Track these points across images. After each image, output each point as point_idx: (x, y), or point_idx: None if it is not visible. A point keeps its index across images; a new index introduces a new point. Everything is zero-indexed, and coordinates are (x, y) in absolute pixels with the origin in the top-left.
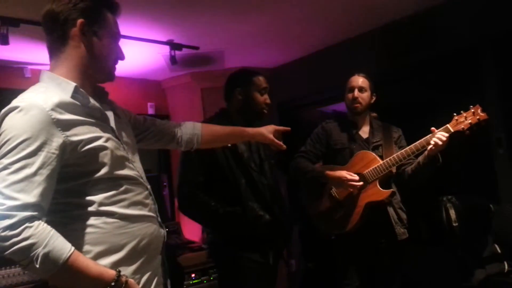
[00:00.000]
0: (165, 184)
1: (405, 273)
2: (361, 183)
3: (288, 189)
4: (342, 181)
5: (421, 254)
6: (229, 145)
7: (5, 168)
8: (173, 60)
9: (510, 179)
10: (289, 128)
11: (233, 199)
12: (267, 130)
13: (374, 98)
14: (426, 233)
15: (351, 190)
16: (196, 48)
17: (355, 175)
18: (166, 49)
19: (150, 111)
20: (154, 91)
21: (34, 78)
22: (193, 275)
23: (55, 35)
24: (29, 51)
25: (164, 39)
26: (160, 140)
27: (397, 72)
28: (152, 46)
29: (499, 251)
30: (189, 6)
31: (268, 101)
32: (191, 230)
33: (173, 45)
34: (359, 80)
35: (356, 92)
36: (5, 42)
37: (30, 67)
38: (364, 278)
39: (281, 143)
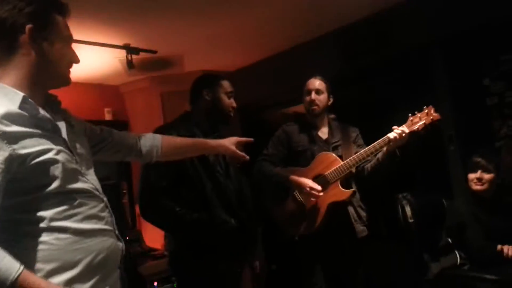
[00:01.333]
0: (124, 191)
1: (366, 269)
2: (320, 194)
3: (251, 191)
4: (304, 188)
5: (381, 251)
6: None
7: None
8: (130, 64)
9: (461, 174)
10: (251, 139)
11: (198, 204)
12: (230, 142)
13: (331, 100)
14: (385, 230)
15: (310, 198)
16: (154, 52)
17: (318, 186)
18: (123, 53)
19: (107, 116)
20: (111, 96)
21: None
22: (155, 283)
23: (3, 43)
24: None
25: (121, 43)
26: (118, 152)
27: (355, 73)
28: (109, 50)
29: (451, 244)
30: (146, 10)
31: (234, 104)
32: (153, 238)
33: (130, 49)
34: (316, 83)
35: (313, 95)
36: None
37: None
38: (329, 278)
39: (243, 154)
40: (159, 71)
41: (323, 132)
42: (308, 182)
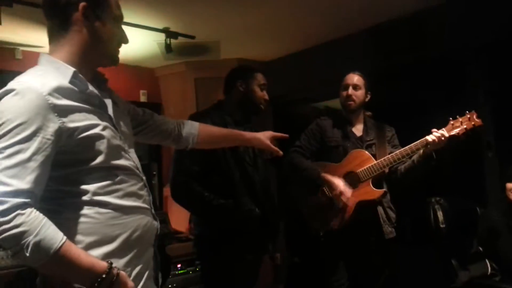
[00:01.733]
0: (154, 173)
1: (391, 272)
2: (348, 201)
3: (278, 183)
4: (334, 190)
5: (408, 254)
6: None
7: None
8: (168, 48)
9: (498, 182)
10: (287, 135)
11: (225, 191)
12: (264, 136)
13: (368, 97)
14: (412, 233)
15: (338, 202)
16: (192, 37)
17: (348, 192)
18: (161, 36)
19: (142, 98)
20: (147, 78)
21: (25, 59)
22: (179, 266)
23: (56, 20)
24: (21, 32)
25: (160, 26)
26: (157, 135)
27: (390, 71)
28: (147, 33)
29: (482, 252)
30: None
31: (266, 97)
32: (179, 220)
33: (169, 33)
34: (354, 78)
35: (350, 90)
36: None
37: (21, 48)
38: (352, 276)
39: (277, 149)
40: (195, 57)
41: (358, 129)
42: (340, 185)
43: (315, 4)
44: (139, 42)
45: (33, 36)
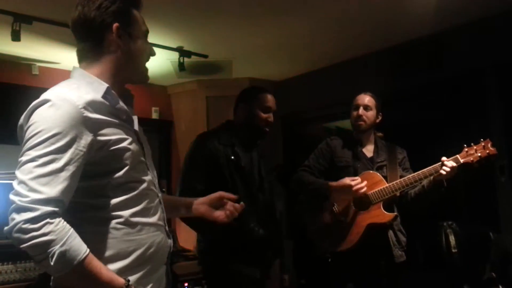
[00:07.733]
0: (164, 189)
1: None
2: (364, 184)
3: (287, 203)
4: (347, 189)
5: (419, 278)
6: (232, 157)
7: (32, 160)
8: (181, 66)
9: (511, 207)
10: (235, 196)
11: None
12: (210, 200)
13: (380, 118)
14: (423, 258)
15: (359, 194)
16: (205, 56)
17: (358, 178)
18: (175, 55)
19: (154, 115)
20: (159, 96)
21: (42, 75)
22: (186, 284)
23: (90, 42)
24: (39, 49)
25: (174, 45)
26: None
27: (403, 92)
28: (161, 52)
29: (496, 279)
30: (201, 15)
31: (270, 119)
32: (186, 238)
33: (183, 52)
34: (365, 99)
35: (360, 110)
36: (17, 38)
37: (38, 64)
38: None
39: (217, 217)
40: (208, 75)
41: (368, 150)
42: (347, 180)
43: (328, 25)
44: (153, 60)
45: (50, 52)
